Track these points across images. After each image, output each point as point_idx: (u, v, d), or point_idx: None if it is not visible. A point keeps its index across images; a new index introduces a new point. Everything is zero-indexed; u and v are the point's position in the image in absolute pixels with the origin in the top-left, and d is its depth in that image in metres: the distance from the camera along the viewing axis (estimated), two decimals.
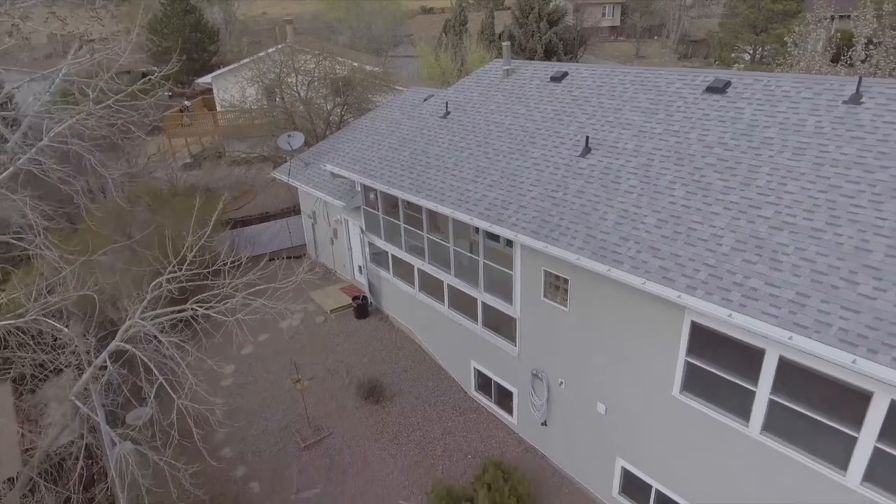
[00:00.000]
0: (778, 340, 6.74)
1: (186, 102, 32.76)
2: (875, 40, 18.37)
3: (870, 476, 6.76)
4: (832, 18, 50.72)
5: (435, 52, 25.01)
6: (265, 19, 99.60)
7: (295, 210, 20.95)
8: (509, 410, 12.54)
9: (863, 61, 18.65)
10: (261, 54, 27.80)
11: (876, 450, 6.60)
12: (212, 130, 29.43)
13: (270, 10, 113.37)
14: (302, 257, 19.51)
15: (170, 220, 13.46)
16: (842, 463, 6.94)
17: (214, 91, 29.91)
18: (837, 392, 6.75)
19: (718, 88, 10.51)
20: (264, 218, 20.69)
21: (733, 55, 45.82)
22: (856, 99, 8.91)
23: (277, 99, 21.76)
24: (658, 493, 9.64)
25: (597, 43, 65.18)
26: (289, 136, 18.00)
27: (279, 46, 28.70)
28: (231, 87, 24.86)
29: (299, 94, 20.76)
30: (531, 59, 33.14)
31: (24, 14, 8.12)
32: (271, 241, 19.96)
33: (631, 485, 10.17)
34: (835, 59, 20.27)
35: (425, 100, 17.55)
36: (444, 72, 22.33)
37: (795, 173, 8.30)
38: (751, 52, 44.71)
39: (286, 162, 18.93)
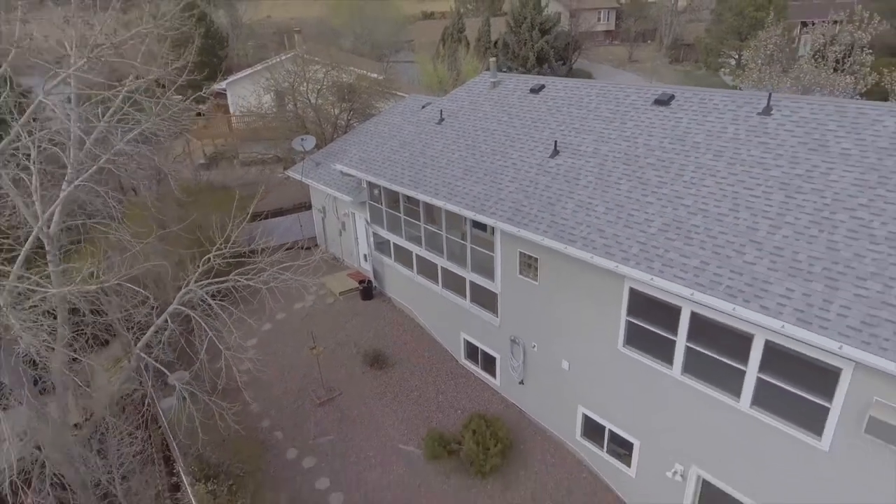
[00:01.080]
0: (684, 296, 8.91)
1: (202, 106, 34.94)
2: (817, 55, 20.51)
3: (756, 401, 8.91)
4: (805, 25, 52.99)
5: (433, 61, 27.18)
6: (270, 23, 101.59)
7: (305, 206, 23.13)
8: (493, 374, 14.72)
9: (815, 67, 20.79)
10: (272, 62, 30.07)
11: (759, 380, 8.75)
12: (226, 133, 31.64)
13: (275, 14, 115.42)
14: (313, 248, 21.71)
15: (203, 211, 15.68)
16: (736, 392, 9.08)
17: (228, 96, 32.11)
18: (732, 337, 8.89)
19: (664, 101, 12.67)
20: (278, 213, 22.87)
21: (720, 60, 48.02)
22: (767, 111, 11.07)
23: (290, 105, 23.89)
24: (610, 432, 11.80)
25: (592, 47, 67.10)
26: (302, 139, 20.21)
27: (289, 55, 30.97)
28: (248, 95, 27.03)
29: (310, 101, 22.95)
30: (524, 65, 35.31)
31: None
32: (285, 233, 22.07)
33: (590, 428, 12.33)
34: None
35: (423, 107, 19.73)
36: (441, 80, 24.51)
37: (713, 171, 10.46)
38: (736, 57, 46.78)
39: (297, 162, 21.12)
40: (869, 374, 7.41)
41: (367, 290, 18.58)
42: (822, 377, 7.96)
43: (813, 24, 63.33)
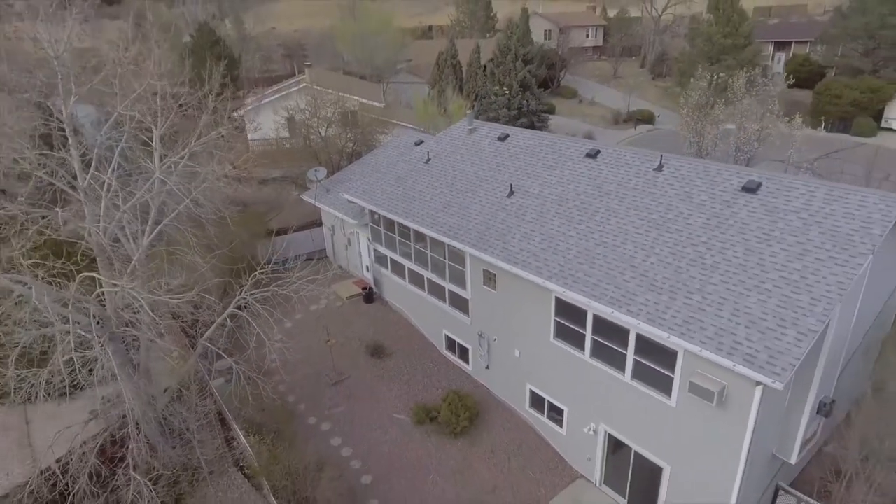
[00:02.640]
0: (585, 304, 13.09)
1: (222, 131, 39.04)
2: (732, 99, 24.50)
3: (634, 375, 13.05)
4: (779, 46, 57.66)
5: (425, 102, 31.41)
6: (275, 35, 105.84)
7: (316, 223, 27.30)
8: (466, 361, 18.90)
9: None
10: (286, 92, 34.26)
11: (634, 360, 12.91)
12: (245, 156, 35.79)
13: (280, 25, 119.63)
14: (324, 259, 25.93)
15: (237, 229, 19.84)
16: (622, 368, 13.23)
17: (247, 122, 36.27)
18: (618, 331, 13.04)
19: (592, 155, 16.84)
20: (294, 229, 27.02)
21: (692, 81, 52.04)
22: (660, 168, 15.24)
23: (303, 138, 27.94)
24: (548, 402, 15.97)
25: (580, 62, 71.16)
26: (315, 170, 24.40)
27: (300, 85, 35.20)
28: (264, 122, 31.20)
29: (321, 135, 27.08)
30: (508, 91, 39.47)
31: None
32: (299, 246, 26.27)
33: (535, 400, 16.49)
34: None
35: (416, 144, 23.92)
36: (432, 117, 28.71)
37: (616, 213, 14.62)
38: (708, 78, 50.72)
39: (309, 183, 25.27)
40: (691, 355, 11.56)
41: (369, 296, 22.77)
42: (669, 357, 12.12)
43: (790, 44, 67.56)
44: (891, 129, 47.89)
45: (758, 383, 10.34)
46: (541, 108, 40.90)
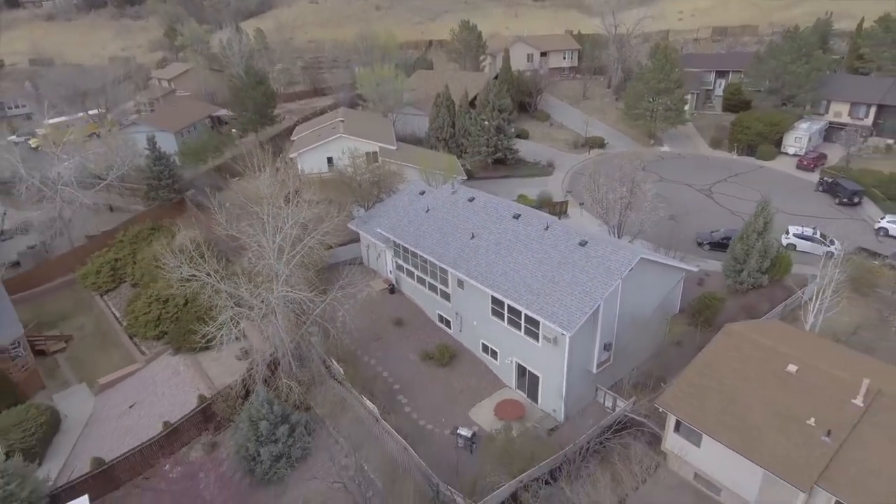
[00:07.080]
0: (502, 298, 27.66)
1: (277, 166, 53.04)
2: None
3: (525, 332, 27.61)
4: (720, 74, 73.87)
5: (424, 154, 45.60)
6: (291, 46, 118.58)
7: (355, 239, 41.63)
8: (449, 327, 33.57)
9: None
10: (327, 140, 48.36)
11: (525, 326, 27.49)
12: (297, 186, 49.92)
13: (297, 36, 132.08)
14: (360, 263, 40.58)
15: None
16: (520, 329, 27.81)
17: (298, 162, 50.36)
18: (518, 312, 27.51)
19: (517, 216, 31.22)
20: (343, 243, 41.39)
21: (636, 112, 65.63)
22: (547, 228, 29.63)
23: (344, 183, 41.99)
24: (490, 348, 30.65)
25: (557, 81, 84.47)
26: (356, 209, 38.74)
27: (336, 134, 49.33)
28: (309, 160, 45.48)
29: (359, 183, 41.27)
30: (487, 133, 53.53)
31: None
32: (345, 254, 40.66)
33: (484, 347, 31.18)
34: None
35: (420, 193, 38.24)
36: (431, 168, 42.93)
37: (522, 252, 29.05)
38: (649, 112, 64.14)
39: (352, 215, 39.58)
40: (543, 322, 26.06)
41: (392, 289, 37.34)
42: (536, 323, 26.65)
43: (728, 72, 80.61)
44: (787, 154, 61.76)
45: (563, 333, 24.91)
46: (512, 141, 55.13)
